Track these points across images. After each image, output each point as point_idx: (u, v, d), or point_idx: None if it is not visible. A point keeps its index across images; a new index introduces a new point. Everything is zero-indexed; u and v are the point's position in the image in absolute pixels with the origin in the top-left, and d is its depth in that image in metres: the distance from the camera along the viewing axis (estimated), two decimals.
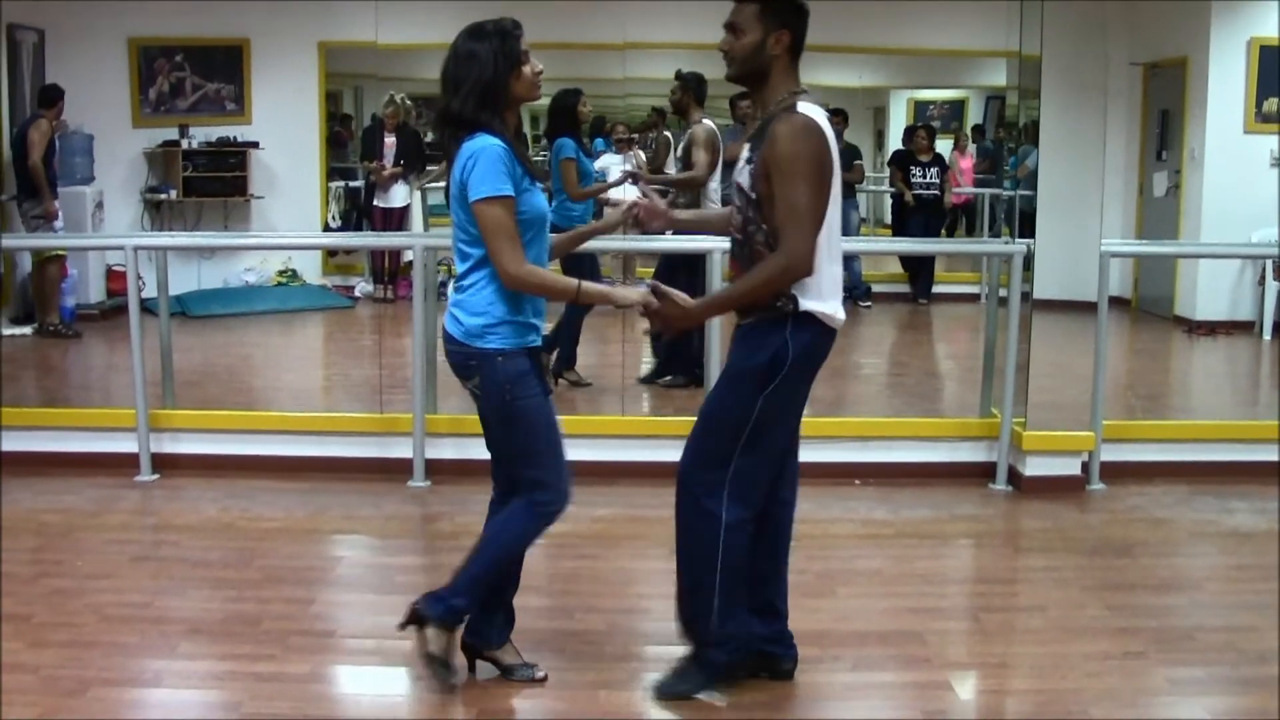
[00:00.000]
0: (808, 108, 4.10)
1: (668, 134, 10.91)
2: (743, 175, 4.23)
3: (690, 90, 9.00)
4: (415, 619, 4.41)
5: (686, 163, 9.04)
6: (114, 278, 12.24)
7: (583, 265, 7.98)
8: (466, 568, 4.43)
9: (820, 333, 4.24)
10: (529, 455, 4.37)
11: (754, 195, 4.15)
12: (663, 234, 4.75)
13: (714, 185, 8.94)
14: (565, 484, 4.39)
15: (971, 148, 15.75)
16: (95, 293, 12.13)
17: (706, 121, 8.97)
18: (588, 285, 4.26)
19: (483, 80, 4.13)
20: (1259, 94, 12.26)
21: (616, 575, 5.71)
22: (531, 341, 4.31)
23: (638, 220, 4.62)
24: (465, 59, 4.17)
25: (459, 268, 4.29)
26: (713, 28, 4.35)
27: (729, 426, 4.26)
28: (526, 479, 4.39)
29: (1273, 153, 12.26)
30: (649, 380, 9.26)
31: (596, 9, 4.26)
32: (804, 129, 4.06)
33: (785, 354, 4.16)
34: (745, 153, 4.28)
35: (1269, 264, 11.89)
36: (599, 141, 12.64)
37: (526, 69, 4.22)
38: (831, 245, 4.20)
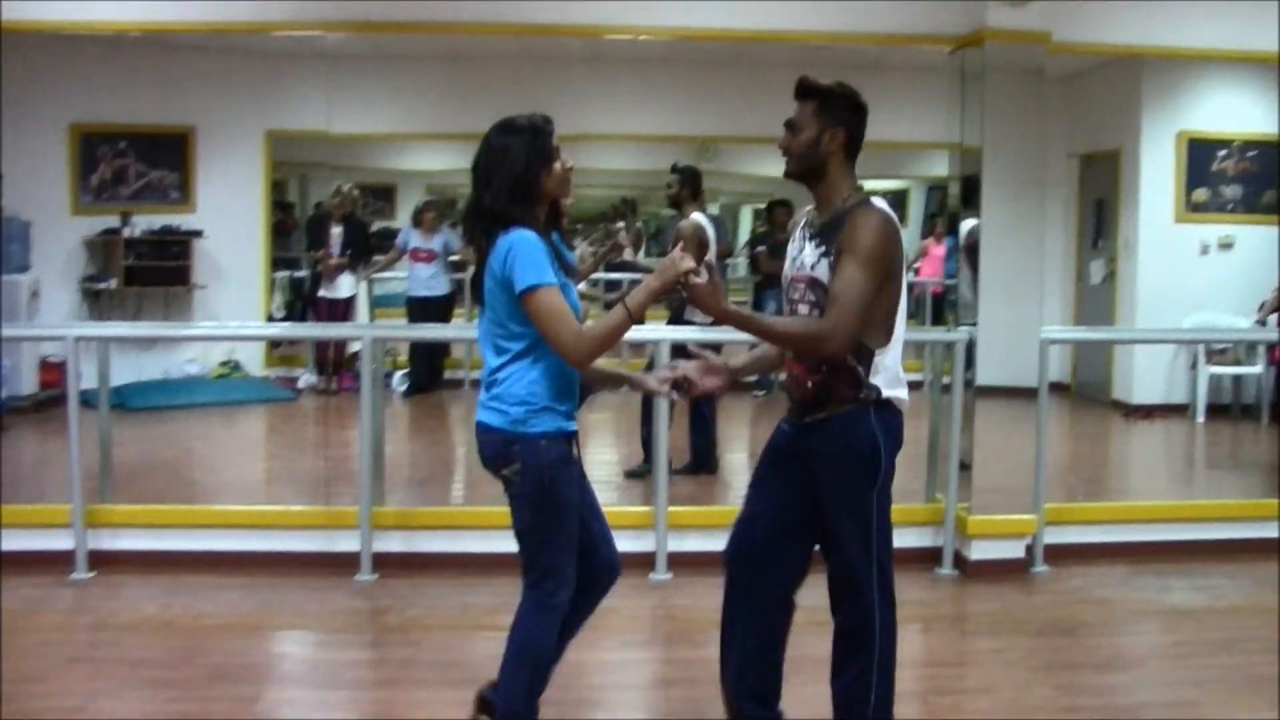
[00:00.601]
0: (881, 203, 4.22)
1: (639, 224, 10.97)
2: (819, 269, 4.22)
3: (687, 184, 8.98)
4: (484, 707, 4.50)
5: None
6: (47, 369, 11.97)
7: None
8: (510, 686, 4.44)
9: (897, 415, 4.31)
10: (552, 542, 4.36)
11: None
12: (714, 395, 4.59)
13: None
14: (574, 571, 4.40)
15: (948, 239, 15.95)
16: (27, 385, 11.81)
17: (696, 215, 8.95)
18: (631, 299, 4.17)
19: (514, 174, 4.17)
20: (1188, 184, 12.59)
21: (568, 667, 5.74)
22: (570, 428, 4.33)
23: (680, 387, 4.45)
24: (498, 153, 4.21)
25: (491, 361, 4.30)
26: (666, 120, 4.46)
27: (856, 531, 4.31)
28: (539, 566, 4.38)
29: (1202, 242, 12.53)
30: (635, 474, 9.16)
31: (551, 99, 4.38)
32: (888, 223, 4.18)
33: (878, 442, 4.23)
34: (809, 247, 4.31)
35: (1201, 349, 12.14)
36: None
37: (557, 165, 4.27)
38: (899, 337, 4.28)
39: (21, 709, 5.12)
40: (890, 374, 4.25)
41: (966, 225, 7.69)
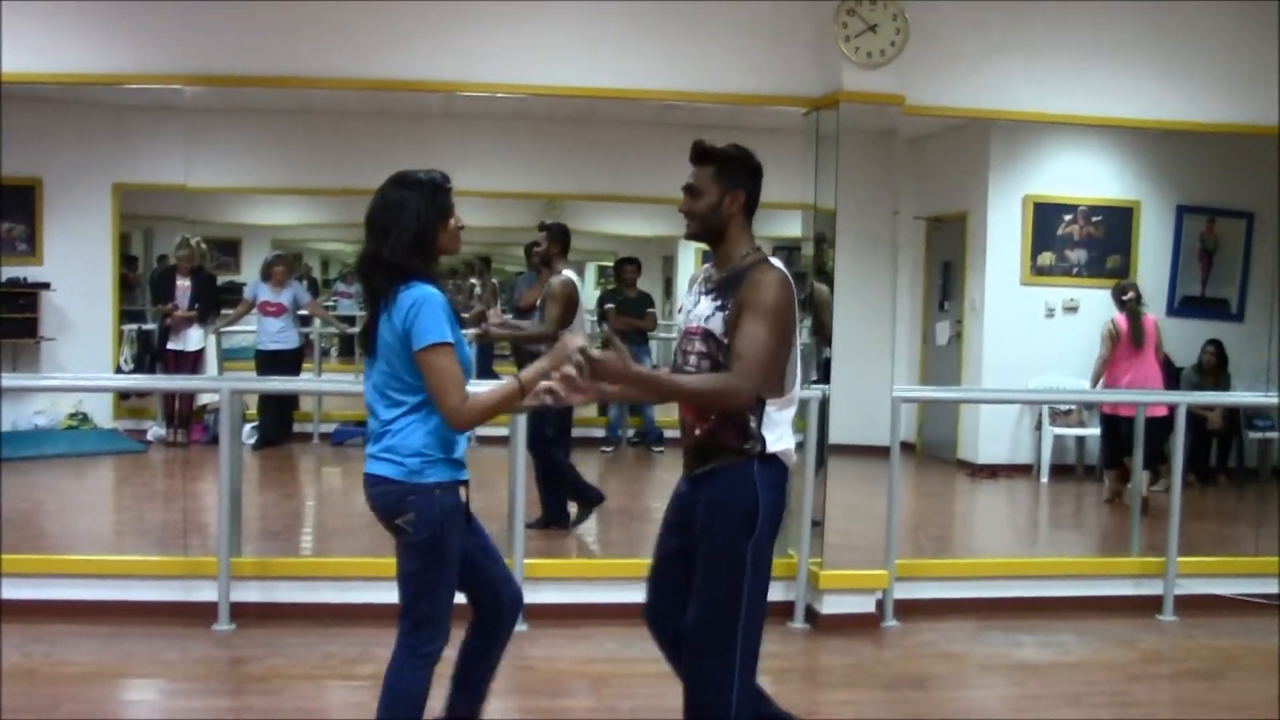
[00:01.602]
0: (778, 263, 4.32)
1: (493, 281, 10.97)
2: (713, 322, 4.32)
3: (556, 240, 9.00)
4: None
5: (543, 314, 9.04)
6: None
7: None
8: None
9: (783, 472, 4.37)
10: (433, 592, 4.38)
11: (726, 340, 4.25)
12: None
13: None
14: (448, 624, 4.43)
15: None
16: None
17: (566, 273, 8.94)
18: (525, 373, 4.27)
19: (413, 229, 4.22)
20: (1034, 247, 12.85)
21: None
22: (463, 477, 4.39)
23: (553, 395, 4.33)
24: (395, 206, 4.25)
25: (384, 414, 4.32)
26: (519, 177, 4.50)
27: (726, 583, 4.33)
28: (415, 614, 4.38)
29: (1047, 304, 12.82)
30: (535, 526, 8.99)
31: (406, 155, 4.40)
32: (784, 282, 4.26)
33: (758, 496, 4.28)
34: (704, 300, 4.41)
35: (1045, 410, 12.40)
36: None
37: (452, 221, 4.33)
38: (792, 394, 4.38)
39: None
40: (781, 429, 4.34)
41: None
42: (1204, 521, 8.85)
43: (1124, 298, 11.08)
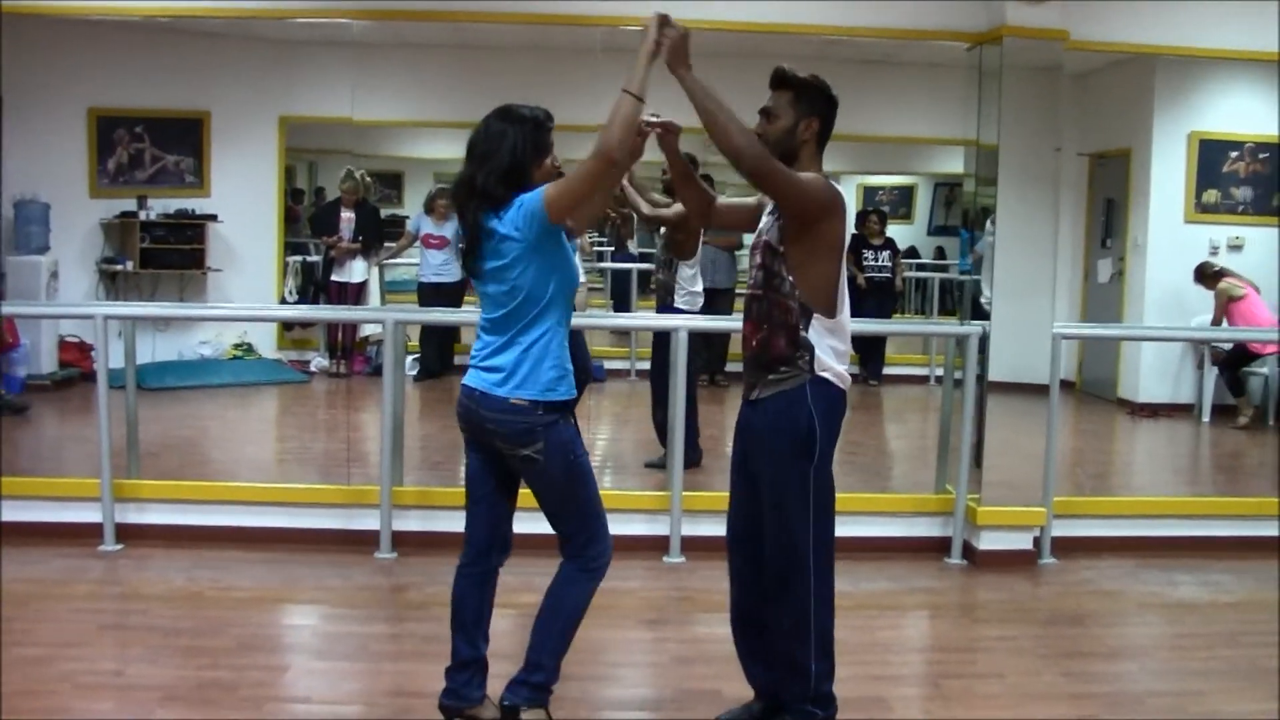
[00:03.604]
0: (837, 188, 4.46)
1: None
2: (771, 233, 4.50)
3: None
4: (510, 714, 4.56)
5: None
6: (66, 349, 12.16)
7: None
8: (540, 642, 4.56)
9: (839, 395, 4.53)
10: (588, 513, 4.53)
11: (781, 248, 4.43)
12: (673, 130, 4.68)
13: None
14: (609, 536, 4.57)
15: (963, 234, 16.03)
16: (47, 364, 11.90)
17: None
18: (629, 81, 4.30)
19: (509, 161, 4.31)
20: (1199, 185, 12.64)
21: (589, 644, 5.82)
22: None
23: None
24: (496, 137, 4.35)
25: (497, 340, 4.46)
26: (678, 111, 4.55)
27: (798, 508, 4.51)
28: (581, 537, 4.53)
29: (1212, 242, 12.60)
30: (655, 465, 8.98)
31: (567, 90, 4.46)
32: (832, 185, 4.45)
33: (814, 421, 4.44)
34: (768, 219, 4.59)
35: (1207, 350, 12.22)
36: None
37: (549, 160, 4.39)
38: (842, 319, 4.53)
39: (63, 671, 5.28)
40: (833, 351, 4.50)
41: (979, 243, 7.80)
42: None
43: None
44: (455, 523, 7.25)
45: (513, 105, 4.44)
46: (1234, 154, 12.68)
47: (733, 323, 7.56)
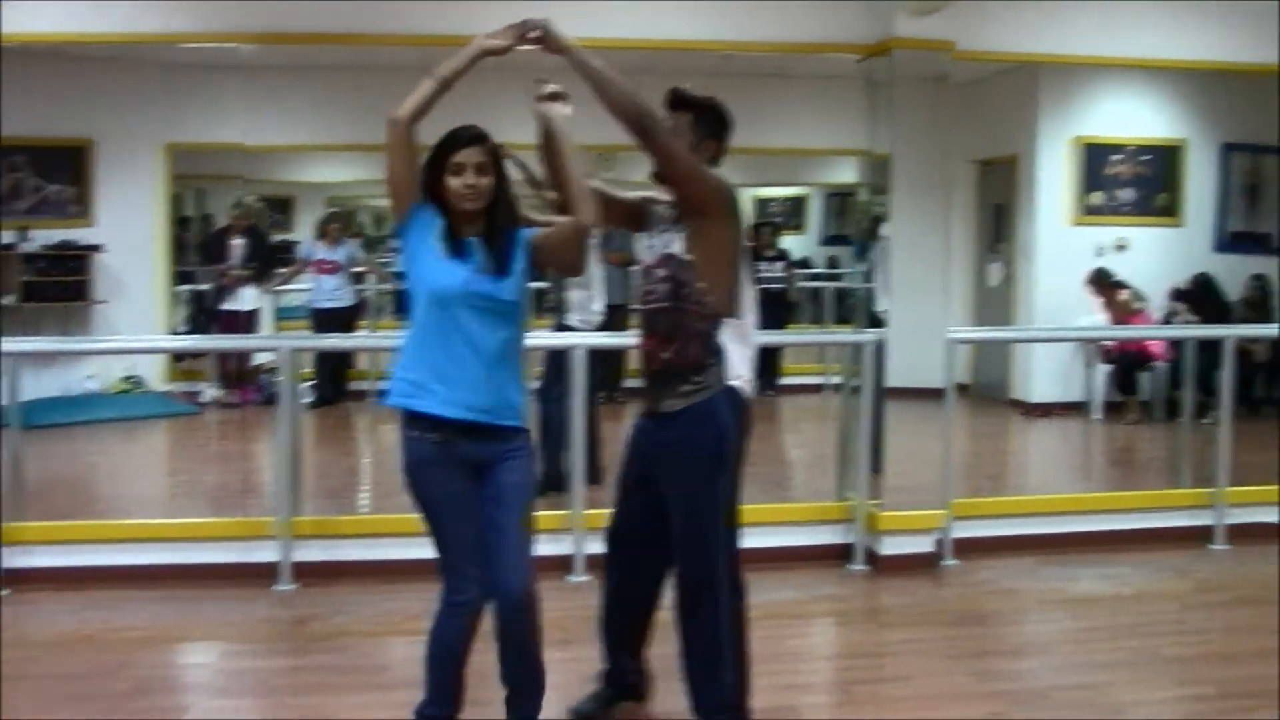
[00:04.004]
0: None
1: None
2: (674, 245, 4.57)
3: None
4: None
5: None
6: None
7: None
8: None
9: (744, 403, 4.61)
10: (435, 538, 4.55)
11: (688, 258, 4.51)
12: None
13: None
14: (472, 570, 4.51)
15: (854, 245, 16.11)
16: None
17: None
18: (446, 63, 4.35)
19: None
20: (1084, 188, 12.95)
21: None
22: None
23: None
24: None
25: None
26: (575, 129, 4.55)
27: (711, 514, 4.59)
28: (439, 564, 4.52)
29: (1097, 244, 12.84)
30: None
31: (461, 110, 4.44)
32: (727, 183, 4.60)
33: (727, 428, 4.55)
34: (662, 236, 4.67)
35: (1094, 348, 12.49)
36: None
37: (455, 181, 4.30)
38: (747, 324, 4.66)
39: None
40: (739, 360, 4.60)
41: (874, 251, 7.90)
42: (1252, 453, 8.88)
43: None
44: (357, 551, 7.30)
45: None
46: (1116, 157, 12.97)
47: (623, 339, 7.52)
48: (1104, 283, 12.34)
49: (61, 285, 13.05)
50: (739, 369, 4.58)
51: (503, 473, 4.40)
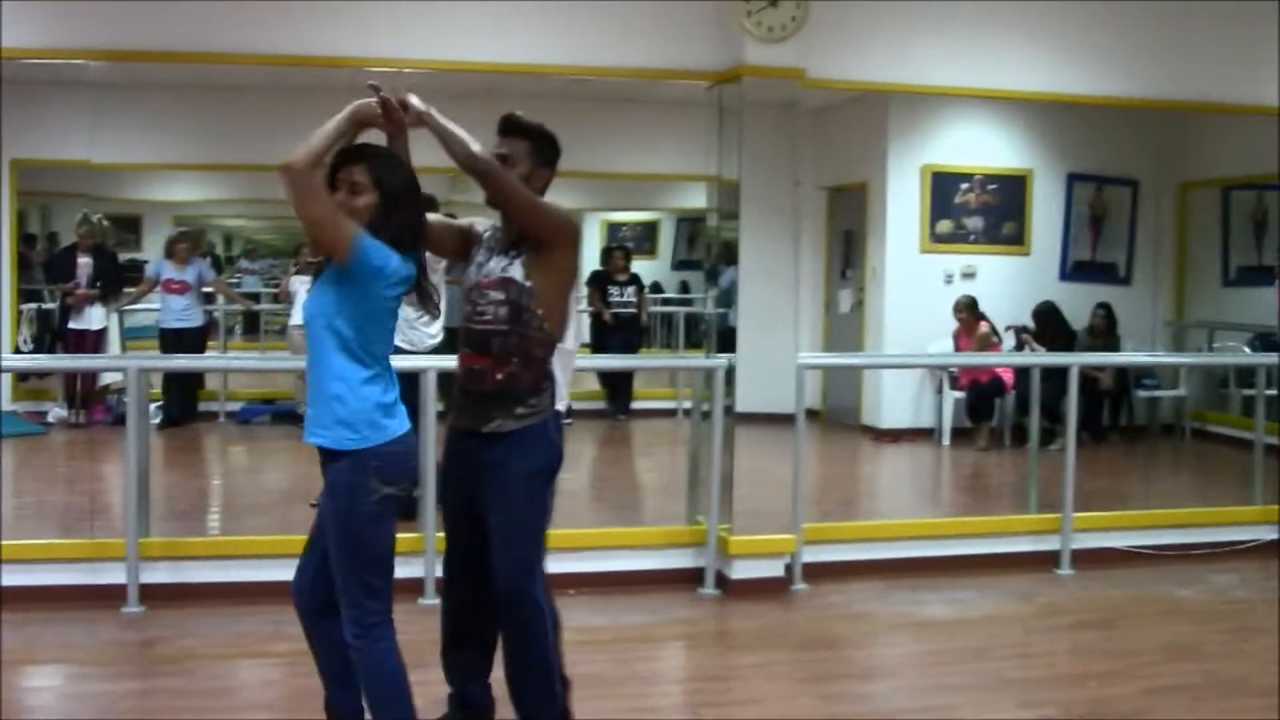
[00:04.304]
0: None
1: None
2: (512, 270, 4.64)
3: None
4: None
5: None
6: None
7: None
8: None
9: (561, 422, 4.82)
10: None
11: (528, 283, 4.60)
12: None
13: None
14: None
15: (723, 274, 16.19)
16: None
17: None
18: (329, 124, 4.23)
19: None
20: (933, 216, 13.06)
21: None
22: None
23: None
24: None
25: None
26: (420, 153, 4.57)
27: (536, 530, 4.78)
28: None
29: (946, 271, 13.04)
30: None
31: (307, 132, 4.43)
32: (571, 216, 4.81)
33: (560, 453, 4.79)
34: (499, 258, 4.73)
35: (945, 375, 12.63)
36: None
37: (339, 195, 4.26)
38: (571, 346, 4.91)
39: None
40: (566, 381, 4.92)
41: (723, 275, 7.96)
42: (1097, 479, 9.09)
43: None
44: (207, 573, 7.23)
45: None
46: (965, 185, 13.12)
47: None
48: (971, 311, 12.47)
49: None
50: (564, 391, 4.83)
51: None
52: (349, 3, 7.35)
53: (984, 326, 12.33)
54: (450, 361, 5.11)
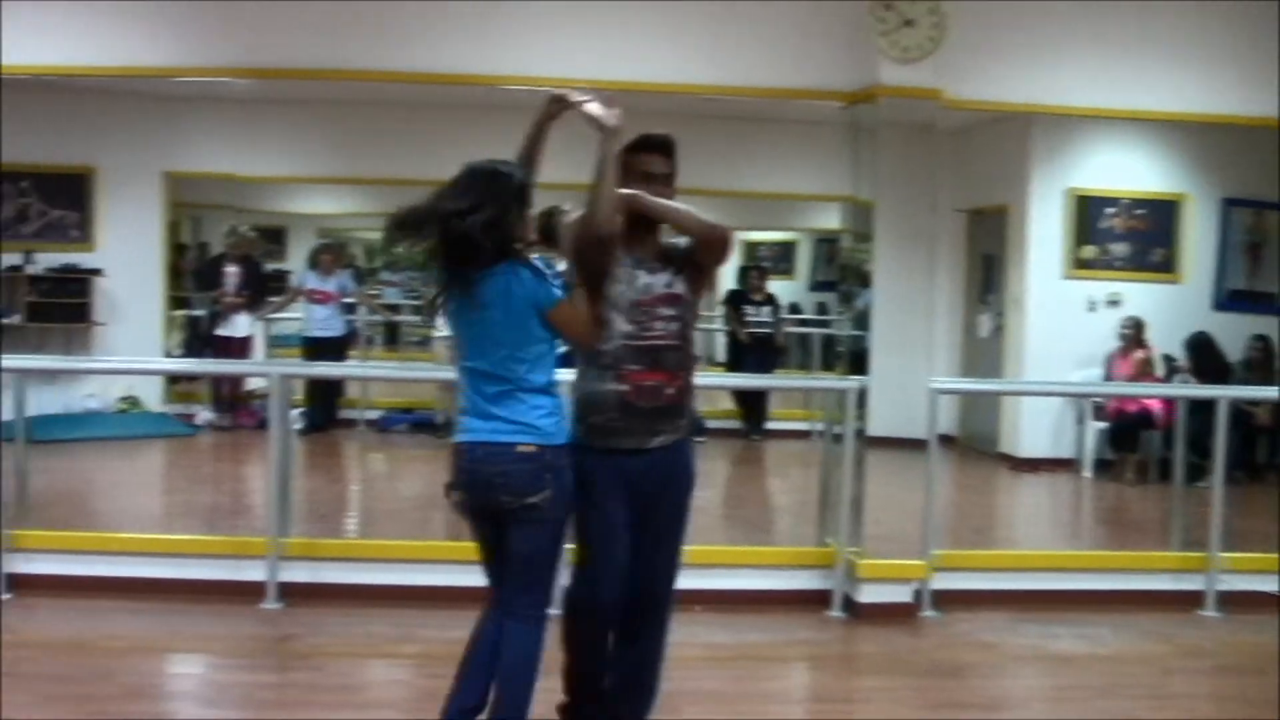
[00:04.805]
0: None
1: None
2: (677, 285, 4.76)
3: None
4: None
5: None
6: None
7: None
8: (513, 705, 4.56)
9: None
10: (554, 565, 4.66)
11: (690, 299, 4.79)
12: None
13: None
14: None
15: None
16: None
17: None
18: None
19: (496, 218, 4.38)
20: (1076, 241, 12.84)
21: None
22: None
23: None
24: (484, 190, 4.42)
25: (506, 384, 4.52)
26: (558, 169, 4.65)
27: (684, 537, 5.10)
28: (540, 585, 4.60)
29: (1090, 298, 12.84)
30: None
31: (446, 147, 4.50)
32: None
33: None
34: (658, 274, 4.77)
35: (1088, 404, 12.36)
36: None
37: (529, 210, 4.51)
38: None
39: None
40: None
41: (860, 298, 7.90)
42: (1251, 518, 8.80)
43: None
44: (343, 574, 7.37)
45: (496, 161, 4.50)
46: (1111, 210, 12.88)
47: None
48: (1138, 331, 12.24)
49: (64, 307, 13.28)
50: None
51: None
52: (486, 21, 7.45)
53: (1144, 352, 12.08)
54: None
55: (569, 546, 4.68)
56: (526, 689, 4.57)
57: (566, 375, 4.79)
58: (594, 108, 4.53)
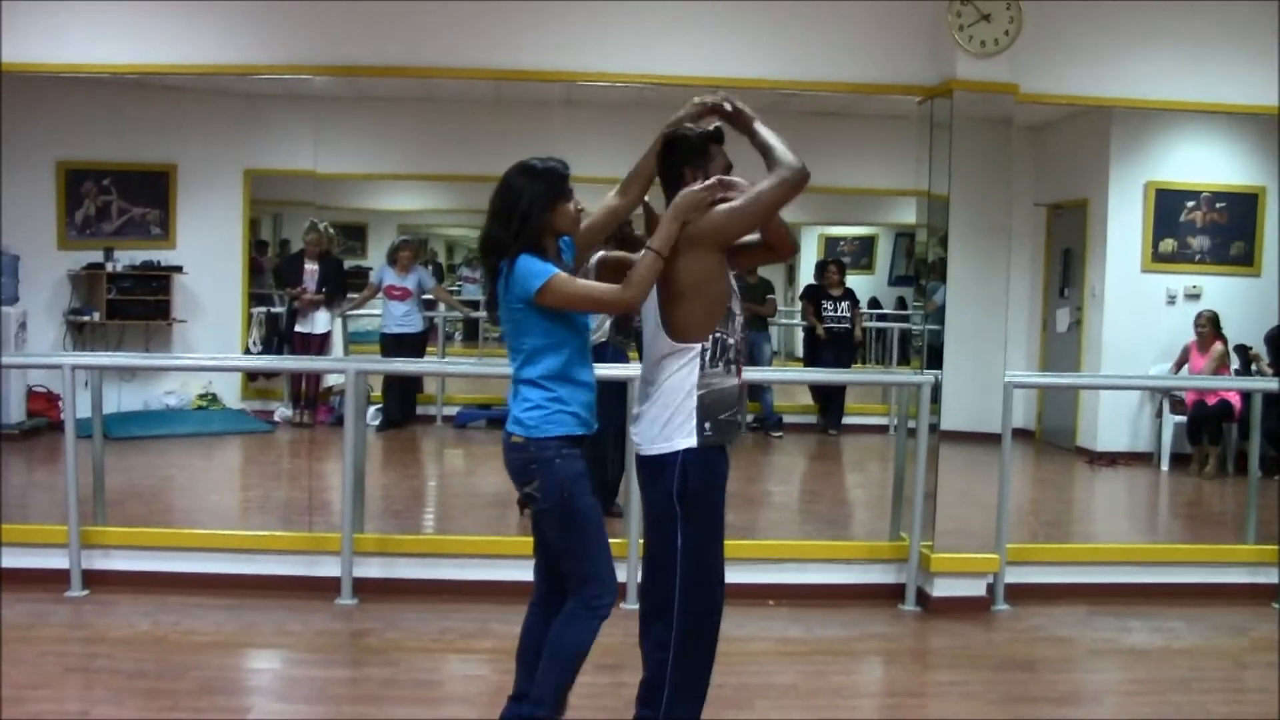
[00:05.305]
0: None
1: None
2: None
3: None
4: None
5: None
6: (34, 398, 12.19)
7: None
8: (543, 681, 4.64)
9: None
10: (583, 553, 4.63)
11: None
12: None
13: None
14: (613, 579, 4.67)
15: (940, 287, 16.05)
16: (15, 413, 11.90)
17: None
18: (656, 240, 4.46)
19: (523, 213, 4.46)
20: (1155, 235, 12.76)
21: None
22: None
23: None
24: (511, 192, 4.52)
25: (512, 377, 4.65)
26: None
27: None
28: (578, 575, 4.63)
29: (1169, 291, 12.75)
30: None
31: (526, 143, 4.56)
32: None
33: None
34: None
35: (1165, 397, 12.31)
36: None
37: (570, 205, 4.58)
38: None
39: (28, 712, 5.35)
40: None
41: (936, 293, 7.88)
42: None
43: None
44: (416, 570, 7.47)
45: (529, 160, 4.58)
46: (1190, 203, 12.80)
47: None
48: (1213, 325, 12.14)
49: (144, 304, 13.42)
50: None
51: None
52: (565, 18, 7.50)
53: (1220, 346, 11.98)
54: None
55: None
56: (562, 673, 4.64)
57: (609, 371, 4.80)
58: (735, 103, 4.74)
